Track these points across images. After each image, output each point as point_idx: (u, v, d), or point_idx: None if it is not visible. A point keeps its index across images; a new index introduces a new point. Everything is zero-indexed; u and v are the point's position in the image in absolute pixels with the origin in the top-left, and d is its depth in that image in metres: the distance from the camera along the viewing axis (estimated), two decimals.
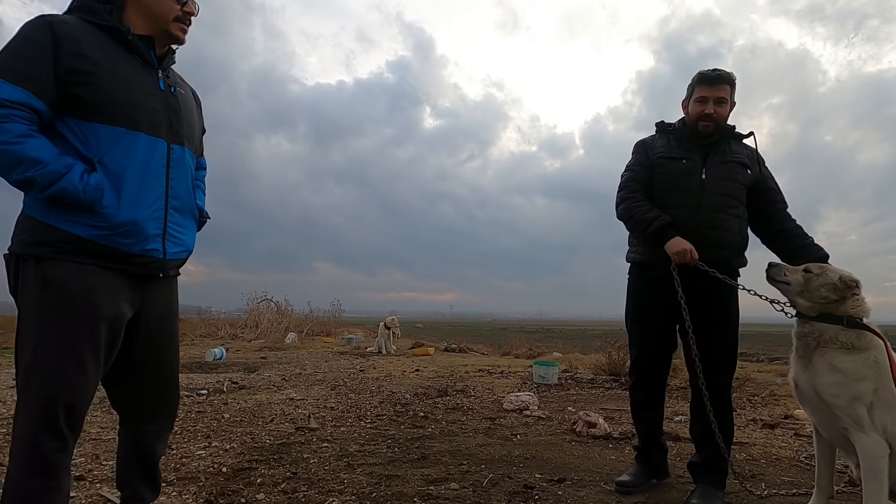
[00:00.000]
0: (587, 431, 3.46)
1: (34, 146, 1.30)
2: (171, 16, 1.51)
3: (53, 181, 1.31)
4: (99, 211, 1.38)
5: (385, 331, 10.21)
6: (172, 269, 1.62)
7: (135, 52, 1.48)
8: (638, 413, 2.50)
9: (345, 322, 19.34)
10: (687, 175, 2.24)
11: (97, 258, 1.41)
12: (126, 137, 1.42)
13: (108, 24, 1.43)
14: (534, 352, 10.78)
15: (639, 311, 2.43)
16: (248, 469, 2.61)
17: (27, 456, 1.37)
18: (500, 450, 3.06)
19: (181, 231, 1.60)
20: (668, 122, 2.44)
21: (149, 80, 1.51)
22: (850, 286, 1.90)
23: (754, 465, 2.81)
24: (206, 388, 5.11)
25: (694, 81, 2.29)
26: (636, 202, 2.28)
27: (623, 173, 2.43)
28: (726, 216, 2.22)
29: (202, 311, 18.19)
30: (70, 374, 1.38)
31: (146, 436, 1.67)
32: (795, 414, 4.00)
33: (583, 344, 13.57)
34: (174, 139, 1.55)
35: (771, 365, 8.51)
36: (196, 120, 1.72)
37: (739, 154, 2.30)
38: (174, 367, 1.74)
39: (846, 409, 1.82)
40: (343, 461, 2.78)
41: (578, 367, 7.19)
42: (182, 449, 2.97)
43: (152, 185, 1.48)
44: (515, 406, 4.32)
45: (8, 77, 1.30)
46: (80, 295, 1.39)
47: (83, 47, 1.37)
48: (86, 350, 1.41)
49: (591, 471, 2.67)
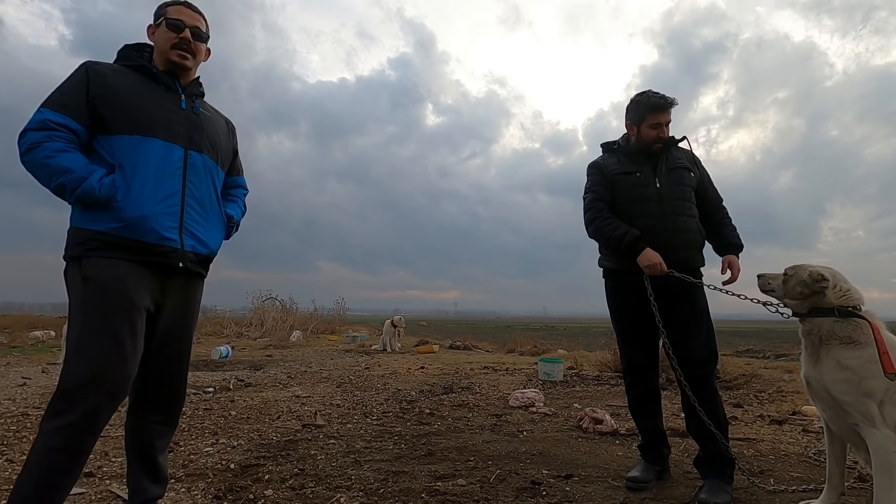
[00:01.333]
0: (594, 428, 3.45)
1: (66, 158, 1.54)
2: (168, 45, 1.74)
3: (78, 185, 1.52)
4: (113, 206, 1.56)
5: (391, 329, 10.23)
6: (192, 262, 1.72)
7: (161, 83, 1.73)
8: (637, 410, 2.56)
9: (349, 320, 19.38)
10: (643, 186, 2.40)
11: (121, 251, 1.57)
12: (142, 143, 1.63)
13: (138, 64, 1.73)
14: (538, 349, 10.78)
15: (619, 313, 2.55)
16: (256, 465, 2.62)
17: (60, 433, 1.46)
18: (507, 446, 3.06)
19: (200, 229, 1.74)
20: (612, 142, 2.61)
21: (171, 102, 1.73)
22: (817, 279, 1.95)
23: (763, 461, 2.80)
24: (213, 386, 5.14)
25: (645, 108, 2.40)
26: (604, 221, 2.42)
27: (585, 195, 2.56)
28: (685, 218, 2.38)
29: (207, 309, 18.28)
30: (112, 358, 1.51)
31: (148, 427, 1.74)
32: (803, 410, 3.98)
33: (587, 341, 13.55)
34: (192, 146, 1.73)
35: (777, 361, 8.47)
36: (223, 139, 1.89)
37: (681, 159, 2.48)
38: (184, 365, 1.81)
39: (856, 406, 1.82)
40: (350, 457, 2.79)
41: (583, 364, 7.18)
42: (190, 446, 2.99)
43: (168, 182, 1.65)
44: (521, 403, 4.32)
45: (52, 107, 1.58)
46: (114, 286, 1.55)
47: (108, 80, 1.64)
48: (125, 336, 1.54)
49: (598, 467, 2.67)
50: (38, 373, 5.90)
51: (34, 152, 1.53)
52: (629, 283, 2.40)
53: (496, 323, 55.09)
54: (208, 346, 9.49)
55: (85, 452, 1.52)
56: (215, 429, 3.41)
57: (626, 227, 2.34)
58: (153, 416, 1.75)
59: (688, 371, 2.32)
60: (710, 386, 2.34)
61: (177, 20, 1.74)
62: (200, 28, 1.80)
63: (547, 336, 17.44)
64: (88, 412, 1.48)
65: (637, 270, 2.33)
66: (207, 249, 1.77)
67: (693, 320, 2.37)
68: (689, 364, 2.33)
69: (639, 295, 2.36)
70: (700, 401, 2.27)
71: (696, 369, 2.32)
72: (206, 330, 14.04)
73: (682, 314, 2.36)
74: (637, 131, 2.44)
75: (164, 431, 1.79)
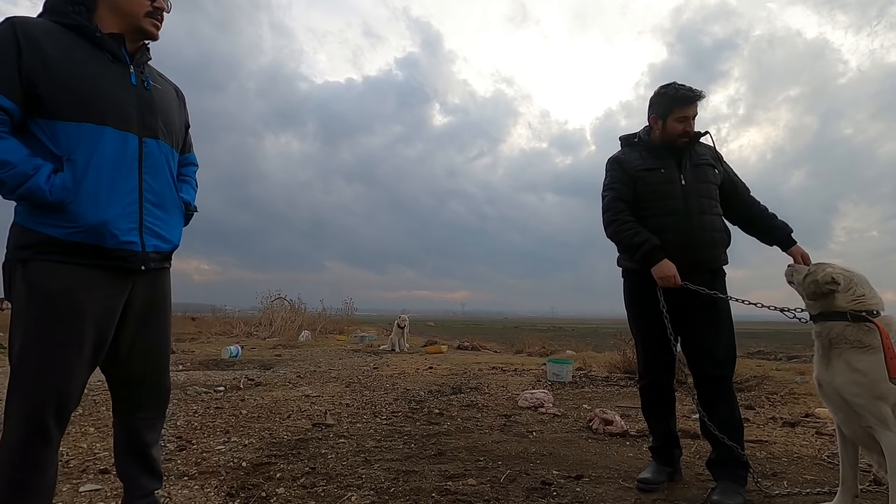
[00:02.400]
0: (604, 429, 3.44)
1: (4, 148, 1.33)
2: (142, 11, 1.52)
3: (21, 182, 1.33)
4: (68, 211, 1.40)
5: (398, 329, 10.26)
6: (155, 261, 1.61)
7: (105, 50, 1.49)
8: (652, 412, 2.52)
9: (357, 320, 19.44)
10: (668, 183, 2.33)
11: (75, 255, 1.43)
12: (92, 133, 1.43)
13: (75, 24, 1.45)
14: (547, 350, 10.75)
15: (638, 313, 2.49)
16: (268, 464, 2.65)
17: (14, 450, 1.42)
18: (517, 446, 3.06)
19: (160, 225, 1.60)
20: (631, 135, 2.51)
21: (119, 76, 1.51)
22: (828, 282, 1.93)
23: (776, 464, 2.77)
24: (224, 385, 5.18)
25: (671, 100, 2.33)
26: (623, 224, 2.34)
27: (604, 193, 2.47)
28: (711, 216, 2.33)
29: (217, 309, 18.43)
30: (53, 373, 1.42)
31: (135, 423, 1.69)
32: (816, 412, 3.94)
33: (596, 342, 13.48)
34: (146, 133, 1.54)
35: (789, 363, 8.38)
36: (176, 114, 1.71)
37: (705, 155, 2.42)
38: (162, 360, 1.74)
39: (869, 408, 1.81)
40: (360, 457, 2.80)
41: (592, 364, 7.14)
42: (202, 444, 3.02)
43: (124, 180, 1.48)
44: (530, 403, 4.31)
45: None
46: (61, 295, 1.42)
47: (43, 46, 1.38)
48: (69, 349, 1.43)
49: (608, 468, 2.66)
50: None
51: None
52: (649, 284, 2.33)
53: (504, 323, 54.98)
54: (218, 346, 9.58)
55: (46, 464, 1.46)
56: (227, 427, 3.45)
57: (646, 235, 2.26)
58: (138, 413, 1.69)
59: (707, 371, 2.29)
60: (728, 387, 2.31)
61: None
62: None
63: (555, 336, 17.38)
64: (37, 429, 1.41)
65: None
66: (170, 245, 1.66)
67: (715, 320, 2.33)
68: (707, 364, 2.30)
69: (657, 294, 2.31)
70: (717, 402, 2.24)
71: (714, 369, 2.29)
72: (215, 329, 14.16)
73: (704, 313, 2.31)
74: (662, 125, 2.35)
75: (153, 424, 1.74)
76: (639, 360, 2.57)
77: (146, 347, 1.65)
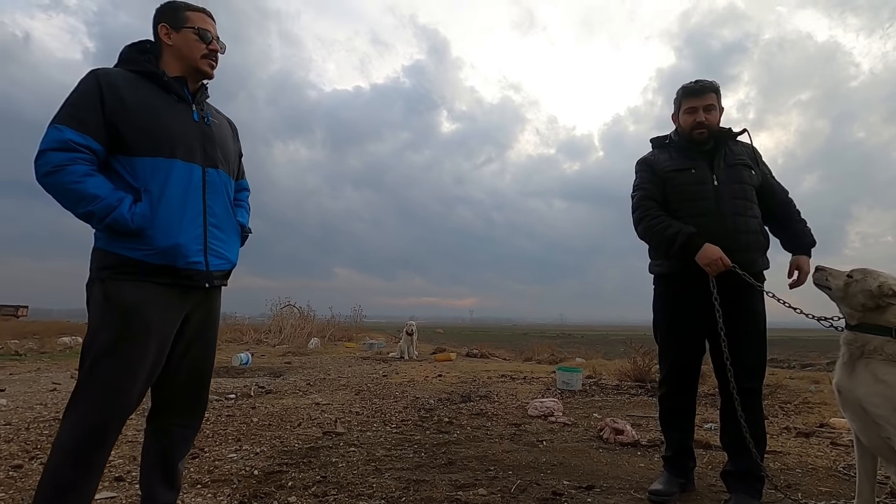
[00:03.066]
0: (614, 438, 3.42)
1: (93, 184, 1.51)
2: (198, 54, 1.73)
3: (108, 213, 1.51)
4: (145, 236, 1.57)
5: (407, 336, 10.28)
6: (217, 279, 1.77)
7: (171, 91, 1.69)
8: (671, 422, 2.47)
9: (366, 327, 19.49)
10: (699, 184, 2.27)
11: (150, 275, 1.59)
12: (164, 166, 1.61)
13: (146, 71, 1.67)
14: (556, 357, 10.69)
15: (672, 321, 2.39)
16: (279, 472, 2.67)
17: (69, 451, 1.49)
18: (527, 456, 3.05)
19: (221, 246, 1.76)
20: (662, 136, 2.49)
21: (183, 114, 1.71)
22: (888, 294, 1.84)
23: (790, 475, 2.74)
24: (235, 393, 5.22)
25: (679, 96, 2.35)
26: (654, 219, 2.29)
27: (633, 193, 2.43)
28: (746, 218, 2.24)
29: (227, 316, 18.57)
30: (122, 381, 1.54)
31: (171, 432, 1.77)
32: (831, 422, 3.88)
33: (605, 349, 13.39)
34: (208, 163, 1.72)
35: (803, 371, 8.26)
36: (231, 145, 1.89)
37: (741, 155, 2.34)
38: (208, 371, 1.85)
39: (890, 419, 1.77)
40: (371, 465, 2.81)
41: (602, 372, 7.10)
42: (214, 452, 3.04)
43: (192, 206, 1.66)
44: (540, 412, 4.29)
45: (70, 123, 1.52)
46: (134, 310, 1.56)
47: (122, 93, 1.58)
48: (137, 359, 1.56)
49: (620, 478, 2.64)
50: (67, 378, 6.07)
51: (57, 176, 1.48)
52: (683, 290, 2.27)
53: (512, 330, 54.69)
54: (229, 353, 9.65)
55: (97, 469, 1.54)
56: (238, 435, 3.47)
57: (680, 225, 2.19)
58: (176, 420, 1.78)
59: (738, 382, 2.18)
60: (756, 399, 2.25)
61: (205, 30, 1.73)
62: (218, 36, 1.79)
63: (564, 344, 17.28)
64: (98, 432, 1.51)
65: (695, 271, 2.18)
66: (230, 264, 1.81)
67: (752, 329, 2.25)
68: (740, 375, 2.19)
69: (696, 300, 2.23)
70: (745, 414, 2.15)
71: (745, 381, 2.21)
72: (226, 337, 14.26)
73: (740, 322, 2.23)
74: (678, 121, 2.38)
75: (188, 436, 1.82)
76: (662, 367, 2.49)
77: (195, 358, 1.77)
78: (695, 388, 2.44)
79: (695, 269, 2.19)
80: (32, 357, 9.15)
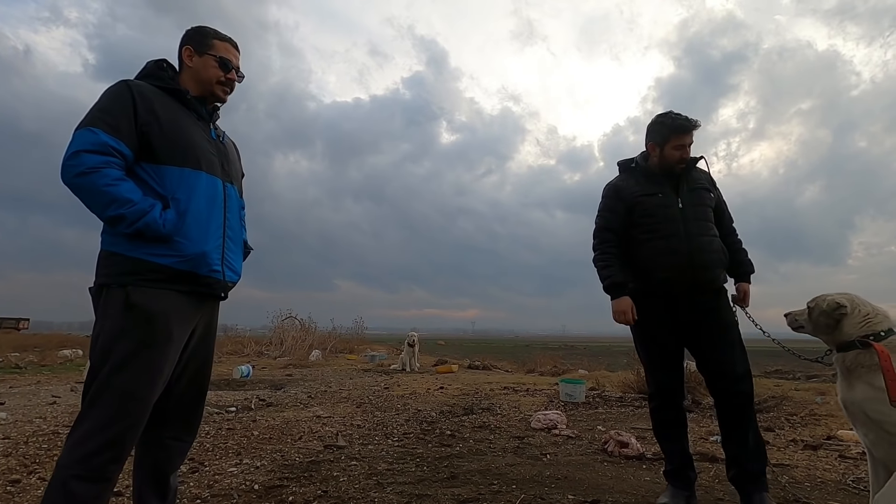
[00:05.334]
0: (619, 451, 3.38)
1: (127, 188, 1.54)
2: (215, 80, 1.80)
3: (139, 217, 1.53)
4: (174, 242, 1.59)
5: (409, 348, 10.23)
6: (227, 290, 1.81)
7: (192, 109, 1.77)
8: (664, 434, 2.49)
9: (367, 339, 19.39)
10: (666, 207, 2.40)
11: (174, 282, 1.61)
12: (192, 177, 1.67)
13: (172, 88, 1.73)
14: (559, 369, 10.61)
15: (643, 334, 2.49)
16: (280, 487, 2.63)
17: (82, 461, 1.44)
18: (531, 470, 3.01)
19: (233, 258, 1.82)
20: (629, 160, 2.60)
21: (204, 131, 1.79)
22: (836, 307, 1.97)
23: (798, 489, 2.69)
24: (235, 406, 5.19)
25: (669, 129, 2.42)
26: (602, 254, 2.47)
27: (596, 218, 2.58)
28: (709, 238, 2.39)
29: (228, 328, 18.51)
30: (142, 390, 1.53)
31: (166, 444, 1.74)
32: (839, 434, 3.83)
33: (609, 361, 13.29)
34: (226, 178, 1.80)
35: (809, 383, 8.17)
36: (238, 165, 1.97)
37: (701, 180, 2.50)
38: (207, 383, 1.86)
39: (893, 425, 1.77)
40: (373, 479, 2.77)
41: (605, 384, 7.03)
42: (214, 466, 3.01)
43: (216, 217, 1.72)
44: (543, 425, 4.25)
45: (104, 128, 1.55)
46: (158, 317, 1.56)
47: (154, 104, 1.64)
48: (158, 367, 1.56)
49: (625, 492, 2.60)
50: (67, 391, 6.04)
51: (92, 177, 1.49)
52: (651, 304, 2.39)
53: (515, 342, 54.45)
54: (230, 365, 9.60)
55: (112, 481, 1.51)
56: (238, 449, 3.44)
57: (612, 271, 2.39)
58: (172, 433, 1.75)
59: (729, 388, 2.29)
60: (752, 404, 2.31)
61: (227, 59, 1.80)
62: (240, 67, 1.87)
63: (567, 356, 17.16)
64: (115, 443, 1.47)
65: (655, 293, 2.36)
66: (238, 276, 1.85)
67: (727, 336, 2.35)
68: (729, 381, 2.29)
69: (661, 316, 2.37)
70: (743, 422, 2.25)
71: (736, 386, 2.28)
72: (227, 349, 14.20)
73: (712, 331, 2.35)
74: (660, 152, 2.45)
75: (182, 448, 1.80)
76: (649, 382, 2.57)
77: (196, 370, 1.78)
78: (681, 399, 2.49)
79: (656, 289, 2.36)
80: (33, 370, 9.11)
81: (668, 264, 2.32)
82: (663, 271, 2.34)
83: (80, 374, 8.05)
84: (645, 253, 2.39)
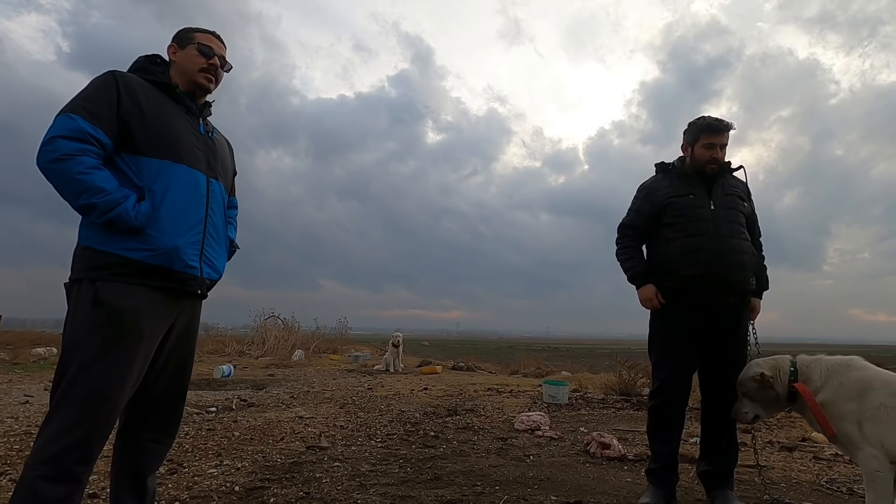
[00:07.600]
0: (601, 453, 3.41)
1: (101, 177, 1.51)
2: (196, 68, 1.78)
3: (112, 207, 1.49)
4: (145, 234, 1.55)
5: (393, 348, 10.19)
6: (206, 287, 1.75)
7: (181, 103, 1.76)
8: (660, 434, 2.50)
9: (351, 339, 19.27)
10: (697, 207, 2.43)
11: (145, 277, 1.57)
12: (170, 169, 1.64)
13: (160, 81, 1.73)
14: (542, 371, 10.69)
15: (665, 332, 2.50)
16: (261, 488, 2.60)
17: (51, 463, 1.41)
18: (514, 471, 3.02)
19: (214, 256, 1.78)
20: (667, 163, 2.65)
21: (192, 125, 1.77)
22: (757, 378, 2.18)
23: (774, 489, 2.75)
24: (216, 406, 5.10)
25: (699, 129, 2.47)
26: (623, 249, 2.59)
27: (626, 214, 2.65)
28: (740, 240, 2.41)
29: (209, 327, 18.23)
30: (110, 389, 1.49)
31: (143, 446, 1.71)
32: (813, 436, 3.93)
33: (591, 363, 13.43)
34: (211, 174, 1.77)
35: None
36: (229, 163, 1.94)
37: (736, 187, 2.54)
38: (185, 381, 1.82)
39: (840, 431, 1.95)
40: (355, 481, 2.76)
41: (588, 386, 7.10)
42: (194, 467, 2.96)
43: (194, 212, 1.68)
44: (527, 426, 4.27)
45: (83, 115, 1.52)
46: (129, 314, 1.52)
47: (138, 96, 1.63)
48: (127, 367, 1.52)
49: (607, 493, 2.63)
50: (40, 390, 5.87)
51: (66, 164, 1.46)
52: (676, 304, 2.41)
53: (499, 343, 54.67)
54: (210, 365, 9.44)
55: (82, 482, 1.48)
56: (219, 450, 3.38)
57: (634, 262, 2.49)
58: (151, 435, 1.72)
59: (720, 390, 2.41)
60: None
61: (207, 46, 1.79)
62: (225, 58, 1.86)
63: (550, 357, 17.29)
64: (82, 443, 1.44)
65: (683, 291, 2.39)
66: (218, 275, 1.82)
67: (739, 355, 2.43)
68: (722, 385, 2.40)
69: (690, 315, 2.39)
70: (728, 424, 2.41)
71: (727, 390, 2.37)
72: (207, 348, 13.97)
73: (728, 340, 2.42)
74: (691, 152, 2.49)
75: (159, 450, 1.77)
76: (654, 378, 2.57)
77: (175, 370, 1.74)
78: (684, 402, 2.50)
79: (688, 286, 2.37)
80: (4, 368, 8.84)
81: (697, 262, 2.33)
82: (692, 269, 2.34)
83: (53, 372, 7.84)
84: (674, 249, 2.40)
